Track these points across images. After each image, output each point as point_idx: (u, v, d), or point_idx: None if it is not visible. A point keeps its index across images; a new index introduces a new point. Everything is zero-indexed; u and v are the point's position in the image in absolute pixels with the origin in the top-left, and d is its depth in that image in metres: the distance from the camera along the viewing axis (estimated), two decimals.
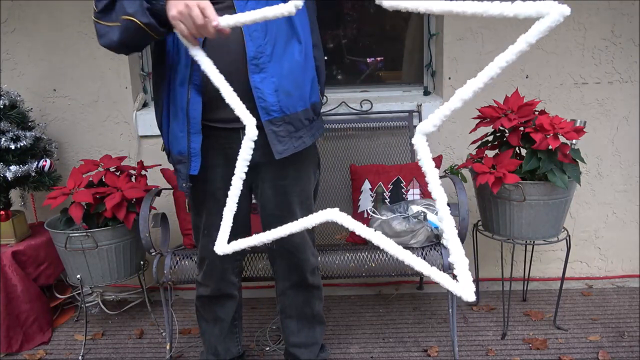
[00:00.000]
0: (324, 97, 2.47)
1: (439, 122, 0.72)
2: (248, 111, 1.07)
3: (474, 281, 0.78)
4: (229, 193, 1.01)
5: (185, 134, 1.41)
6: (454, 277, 0.77)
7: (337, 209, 0.89)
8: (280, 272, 1.72)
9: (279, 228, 0.94)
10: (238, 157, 0.99)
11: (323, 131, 1.63)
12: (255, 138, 0.98)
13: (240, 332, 1.87)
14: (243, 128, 1.26)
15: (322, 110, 2.48)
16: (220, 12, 1.17)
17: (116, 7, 1.22)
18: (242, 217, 1.60)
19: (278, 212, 1.59)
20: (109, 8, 1.24)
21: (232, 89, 1.09)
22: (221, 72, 1.17)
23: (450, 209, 2.09)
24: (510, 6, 0.60)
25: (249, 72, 1.36)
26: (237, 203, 1.15)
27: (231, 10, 1.31)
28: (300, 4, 0.91)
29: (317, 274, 1.74)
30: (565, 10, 0.61)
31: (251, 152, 1.02)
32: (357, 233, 0.85)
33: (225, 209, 1.01)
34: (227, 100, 1.05)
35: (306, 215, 1.54)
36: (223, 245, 1.02)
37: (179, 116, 1.41)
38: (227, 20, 1.12)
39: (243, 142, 1.01)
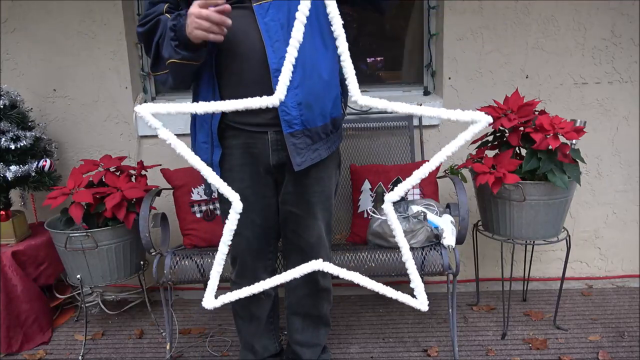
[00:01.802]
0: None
1: (402, 193, 0.89)
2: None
3: (474, 281, 0.86)
4: (216, 256, 0.95)
5: (209, 145, 1.50)
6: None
7: (320, 260, 0.98)
8: (293, 265, 1.69)
9: (271, 279, 0.96)
10: (224, 227, 0.92)
11: (340, 142, 1.65)
12: (240, 211, 0.92)
13: (277, 329, 1.87)
14: (267, 131, 1.47)
15: None
16: (240, 14, 1.33)
17: (160, 57, 1.40)
18: (274, 225, 1.66)
19: (297, 210, 1.60)
20: (157, 61, 1.42)
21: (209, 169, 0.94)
22: (247, 81, 1.36)
23: (450, 209, 2.09)
24: (455, 113, 0.80)
25: (272, 84, 1.35)
26: (265, 213, 1.59)
27: (251, 14, 1.36)
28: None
29: (328, 277, 1.74)
30: (489, 119, 0.81)
31: (236, 222, 0.94)
32: (341, 277, 0.98)
33: (214, 266, 0.96)
34: (209, 180, 0.92)
35: (325, 216, 1.63)
36: (210, 301, 0.99)
37: (204, 127, 1.50)
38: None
39: (229, 214, 0.92)
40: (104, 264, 2.09)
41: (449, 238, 1.89)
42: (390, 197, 0.87)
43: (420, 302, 0.91)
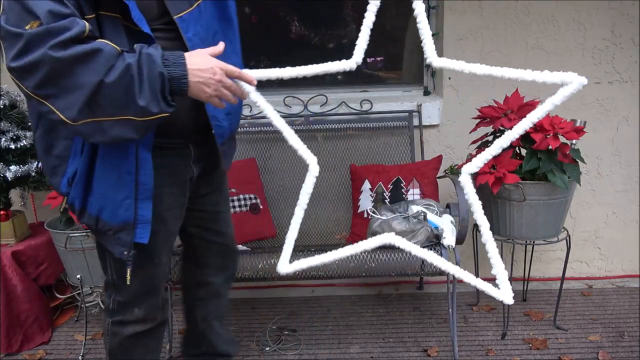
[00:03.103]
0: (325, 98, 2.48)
1: (481, 164, 0.93)
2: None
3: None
4: (292, 222, 1.04)
5: (133, 200, 1.24)
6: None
7: (393, 234, 1.01)
8: (214, 267, 1.66)
9: (338, 250, 1.01)
10: (302, 191, 1.03)
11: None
12: (317, 174, 1.03)
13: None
14: (187, 147, 1.37)
15: (322, 110, 2.50)
16: (165, 37, 1.21)
17: (121, 100, 1.06)
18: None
19: (221, 208, 1.63)
20: (96, 104, 1.06)
21: (291, 131, 1.12)
22: (183, 106, 1.21)
23: (450, 209, 2.09)
24: (541, 74, 0.74)
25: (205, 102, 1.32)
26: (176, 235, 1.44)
27: (176, 35, 1.24)
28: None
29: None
30: (584, 80, 0.73)
31: (312, 186, 1.04)
32: (413, 254, 0.98)
33: (289, 232, 1.05)
34: (291, 142, 1.07)
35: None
36: (286, 265, 1.05)
37: (125, 181, 1.22)
38: (259, 74, 1.16)
39: (307, 178, 1.05)
40: None
41: (449, 238, 1.89)
42: (468, 168, 0.90)
43: (503, 293, 0.85)
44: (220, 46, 1.20)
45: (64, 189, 1.25)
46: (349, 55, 1.13)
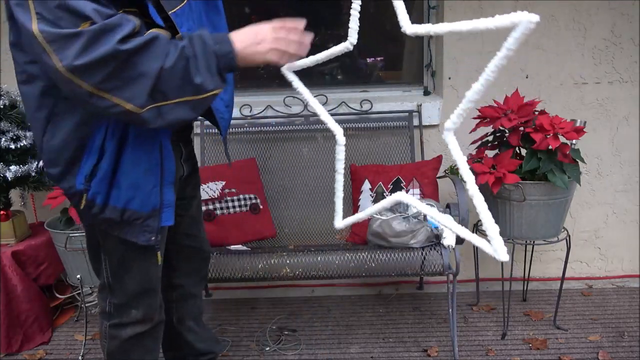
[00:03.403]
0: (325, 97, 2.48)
1: (461, 119, 0.91)
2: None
3: (474, 281, 0.83)
4: (336, 186, 1.14)
5: (159, 187, 1.29)
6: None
7: (403, 192, 1.09)
8: (186, 270, 1.65)
9: (376, 205, 1.08)
10: (336, 159, 1.14)
11: None
12: (344, 143, 1.13)
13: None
14: (179, 145, 1.43)
15: None
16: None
17: (179, 82, 1.10)
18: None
19: (196, 212, 1.64)
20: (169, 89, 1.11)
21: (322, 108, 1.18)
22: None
23: (450, 209, 2.09)
24: (492, 19, 0.80)
25: None
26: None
27: (172, 31, 1.22)
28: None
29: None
30: (533, 17, 0.77)
31: (343, 154, 1.13)
32: (421, 211, 1.05)
33: (336, 192, 1.13)
34: (322, 118, 1.15)
35: None
36: (340, 221, 1.15)
37: (153, 170, 1.27)
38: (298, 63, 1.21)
39: (336, 148, 1.14)
40: None
41: (449, 238, 1.89)
42: (449, 125, 0.92)
43: (496, 248, 0.85)
44: None
45: (80, 187, 1.24)
46: (348, 56, 1.18)
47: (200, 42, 1.11)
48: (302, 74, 1.21)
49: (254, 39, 1.16)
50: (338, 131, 1.13)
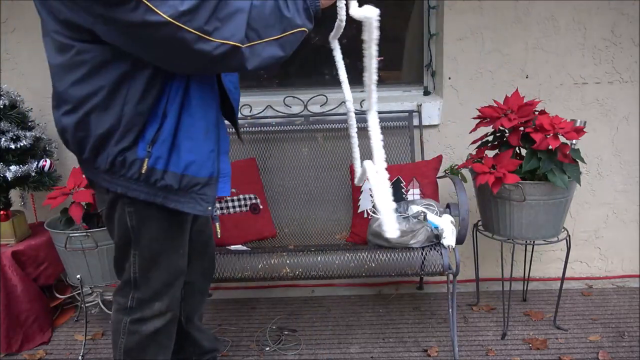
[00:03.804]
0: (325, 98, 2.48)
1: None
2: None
3: (474, 281, 0.84)
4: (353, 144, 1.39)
5: (216, 153, 1.33)
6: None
7: (371, 162, 1.15)
8: (194, 266, 1.64)
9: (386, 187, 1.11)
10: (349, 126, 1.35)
11: None
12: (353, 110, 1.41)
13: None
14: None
15: (322, 110, 2.50)
16: None
17: (269, 19, 1.17)
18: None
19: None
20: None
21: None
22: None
23: (450, 209, 2.09)
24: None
25: (222, 76, 1.42)
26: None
27: None
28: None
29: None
30: (375, 11, 0.95)
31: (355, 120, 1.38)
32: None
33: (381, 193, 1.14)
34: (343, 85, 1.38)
35: None
36: (395, 228, 1.11)
37: (211, 133, 1.31)
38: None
39: (348, 113, 1.38)
40: (104, 264, 2.09)
41: (449, 238, 1.89)
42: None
43: (383, 222, 0.92)
44: None
45: (142, 154, 1.24)
46: (348, 56, 1.19)
47: None
48: (301, 73, 1.23)
49: None
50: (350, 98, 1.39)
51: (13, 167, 2.14)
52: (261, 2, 1.14)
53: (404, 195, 2.20)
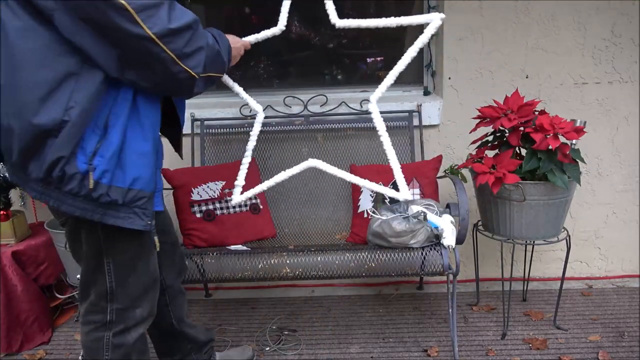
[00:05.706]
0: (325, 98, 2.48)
1: (384, 90, 1.12)
2: None
3: (474, 281, 0.85)
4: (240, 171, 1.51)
5: (157, 169, 1.33)
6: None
7: (315, 159, 1.26)
8: (167, 267, 1.64)
9: (279, 175, 1.34)
10: (252, 135, 1.59)
11: None
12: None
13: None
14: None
15: (322, 110, 2.50)
16: None
17: (210, 61, 1.28)
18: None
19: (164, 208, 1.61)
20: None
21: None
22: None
23: (450, 209, 2.10)
24: (408, 18, 0.96)
25: None
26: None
27: None
28: None
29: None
30: (441, 15, 0.95)
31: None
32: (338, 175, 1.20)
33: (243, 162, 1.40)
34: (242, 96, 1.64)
35: None
36: (239, 196, 1.46)
37: (156, 149, 1.31)
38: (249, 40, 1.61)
39: (256, 124, 1.57)
40: None
41: (449, 238, 1.89)
42: (374, 96, 1.17)
43: (401, 192, 1.05)
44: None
45: (82, 167, 1.16)
46: (348, 56, 1.18)
47: (220, 35, 1.34)
48: (301, 74, 1.23)
49: (232, 40, 1.43)
50: (258, 108, 1.61)
51: None
52: (211, 42, 1.27)
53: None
